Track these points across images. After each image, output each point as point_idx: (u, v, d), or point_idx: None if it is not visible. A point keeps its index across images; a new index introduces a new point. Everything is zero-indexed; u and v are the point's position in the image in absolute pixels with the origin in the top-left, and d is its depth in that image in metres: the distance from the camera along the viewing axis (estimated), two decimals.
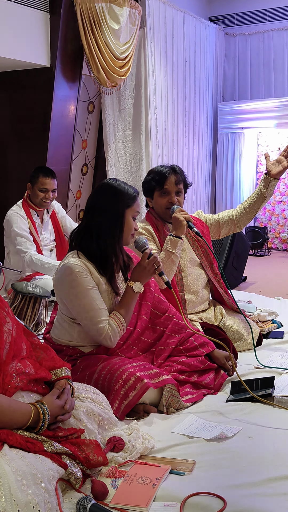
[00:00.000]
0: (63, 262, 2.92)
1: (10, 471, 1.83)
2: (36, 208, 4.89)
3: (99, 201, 2.95)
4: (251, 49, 9.26)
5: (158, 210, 3.69)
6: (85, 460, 2.13)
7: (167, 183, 3.60)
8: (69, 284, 2.86)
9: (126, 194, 2.93)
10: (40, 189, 4.80)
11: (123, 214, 2.92)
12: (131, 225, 2.95)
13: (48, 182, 4.82)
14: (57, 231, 5.07)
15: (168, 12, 7.50)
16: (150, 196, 3.70)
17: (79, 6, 5.86)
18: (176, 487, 2.12)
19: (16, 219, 4.74)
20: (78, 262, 2.87)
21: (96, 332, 2.87)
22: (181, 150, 8.12)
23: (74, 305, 2.89)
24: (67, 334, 2.99)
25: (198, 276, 3.76)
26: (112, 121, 6.96)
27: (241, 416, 2.77)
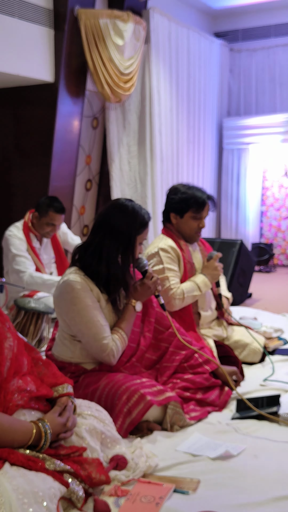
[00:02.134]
0: (63, 279, 2.88)
1: (11, 489, 1.80)
2: (36, 233, 4.80)
3: (111, 221, 2.89)
4: (256, 65, 9.27)
5: (185, 231, 3.70)
6: (87, 478, 2.09)
7: (205, 209, 3.65)
8: (70, 301, 2.83)
9: (139, 220, 2.90)
10: (48, 223, 4.69)
11: (134, 239, 2.90)
12: (137, 251, 2.93)
13: (58, 218, 4.69)
14: (57, 251, 4.97)
15: (172, 28, 7.52)
16: (180, 214, 3.67)
17: (83, 22, 5.88)
18: (180, 506, 2.08)
19: (14, 240, 4.64)
20: (78, 279, 2.83)
21: (99, 349, 2.83)
22: (185, 165, 8.11)
23: (76, 322, 2.85)
24: (69, 351, 2.95)
25: (211, 295, 3.80)
26: (116, 136, 6.96)
27: (246, 434, 2.73)
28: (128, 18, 6.38)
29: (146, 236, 2.97)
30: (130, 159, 7.13)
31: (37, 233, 4.77)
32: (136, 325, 3.06)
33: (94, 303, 2.84)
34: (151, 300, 3.16)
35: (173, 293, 3.46)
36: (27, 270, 4.56)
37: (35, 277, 4.55)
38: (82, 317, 2.82)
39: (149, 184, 7.12)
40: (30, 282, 4.54)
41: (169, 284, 3.48)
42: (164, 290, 3.48)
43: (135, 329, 3.05)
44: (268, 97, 9.24)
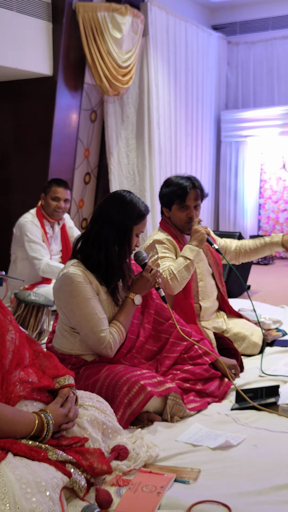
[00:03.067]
0: (63, 271, 2.90)
1: (14, 479, 1.82)
2: (50, 219, 4.86)
3: (109, 211, 2.92)
4: (254, 58, 9.27)
5: (176, 222, 3.72)
6: (89, 468, 2.11)
7: (188, 198, 3.63)
8: (69, 294, 2.85)
9: (136, 211, 2.92)
10: (52, 198, 4.78)
11: (131, 229, 2.92)
12: (133, 241, 2.95)
13: (60, 191, 4.80)
14: (64, 244, 5.05)
15: (170, 21, 7.51)
16: (168, 207, 3.72)
17: (81, 15, 5.87)
18: (180, 495, 2.10)
19: (31, 226, 4.72)
20: (78, 271, 2.85)
21: (97, 341, 2.86)
22: (184, 158, 8.11)
23: (75, 314, 2.87)
24: (69, 343, 2.97)
25: (213, 286, 3.82)
26: (114, 130, 6.96)
27: (246, 424, 2.76)
28: (126, 11, 6.37)
29: (144, 228, 2.99)
30: (128, 152, 7.14)
31: (49, 218, 4.84)
32: (136, 317, 3.08)
33: (93, 296, 2.86)
34: (151, 292, 3.18)
35: (164, 278, 3.46)
36: (43, 258, 4.63)
37: (52, 266, 4.64)
38: (80, 310, 2.84)
39: (148, 177, 7.13)
40: (46, 270, 4.63)
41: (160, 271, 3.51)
42: None
43: (135, 321, 3.07)
44: (266, 90, 9.25)
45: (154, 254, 3.59)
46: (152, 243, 3.64)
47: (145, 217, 2.96)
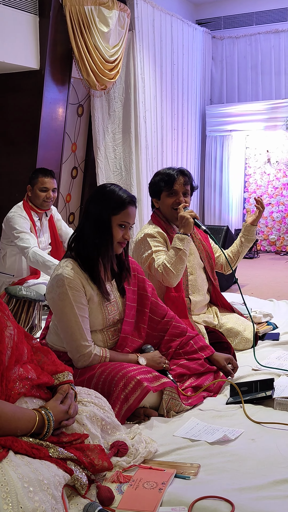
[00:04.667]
0: (58, 271, 2.85)
1: (16, 477, 1.80)
2: (37, 210, 4.84)
3: (89, 205, 2.88)
4: (238, 52, 9.28)
5: (164, 211, 3.70)
6: (90, 465, 2.10)
7: (176, 184, 3.62)
8: (58, 296, 2.81)
9: (112, 200, 2.83)
10: (40, 189, 4.76)
11: (108, 220, 2.83)
12: (116, 234, 2.85)
13: (48, 181, 4.79)
14: (53, 235, 5.04)
15: (156, 15, 7.49)
16: (157, 197, 3.71)
17: (68, 9, 5.83)
18: (182, 491, 2.10)
19: (19, 219, 4.68)
20: (72, 275, 2.80)
21: (74, 349, 2.83)
22: (170, 152, 8.11)
23: (58, 318, 2.85)
24: (62, 340, 2.94)
25: (204, 280, 3.83)
26: (101, 124, 6.94)
27: (242, 418, 2.76)
28: (113, 5, 6.34)
29: (129, 219, 2.88)
30: (115, 147, 7.11)
31: (37, 210, 4.84)
32: (131, 315, 3.07)
33: (81, 304, 2.82)
34: (146, 289, 3.17)
35: (160, 273, 3.48)
36: (31, 246, 4.58)
37: (37, 254, 4.55)
38: (64, 314, 2.81)
39: (134, 171, 7.12)
40: (33, 258, 4.56)
41: (155, 267, 3.51)
42: (155, 273, 3.52)
43: (130, 320, 3.05)
44: (251, 85, 9.27)
45: (147, 248, 3.59)
46: (144, 237, 3.63)
47: (125, 206, 2.84)
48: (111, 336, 2.99)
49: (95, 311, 2.89)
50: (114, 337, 3.00)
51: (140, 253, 3.63)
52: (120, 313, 3.01)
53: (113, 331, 3.00)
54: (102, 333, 2.97)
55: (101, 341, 2.96)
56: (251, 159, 9.17)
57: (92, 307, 2.88)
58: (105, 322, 2.94)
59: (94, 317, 2.90)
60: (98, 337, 2.95)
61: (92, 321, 2.89)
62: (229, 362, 3.28)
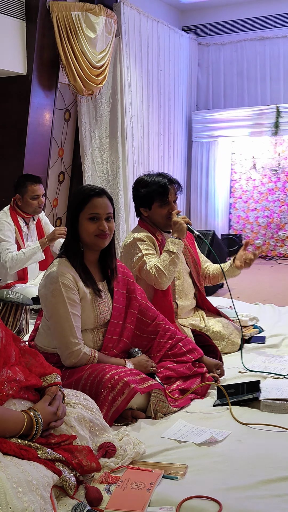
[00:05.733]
0: (51, 268, 2.90)
1: (5, 478, 1.81)
2: (24, 215, 4.86)
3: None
4: (224, 59, 9.34)
5: (158, 220, 3.72)
6: (79, 466, 2.12)
7: (169, 195, 3.65)
8: (51, 293, 2.85)
9: (78, 197, 2.93)
10: (31, 197, 4.79)
11: (76, 218, 2.91)
12: (87, 227, 2.89)
13: (38, 189, 4.83)
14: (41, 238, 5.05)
15: (143, 21, 7.53)
16: (147, 207, 3.71)
17: (55, 15, 5.86)
18: (170, 491, 2.12)
19: (3, 226, 4.70)
20: (65, 272, 2.85)
21: (64, 345, 2.86)
22: (156, 158, 8.14)
23: (50, 314, 2.88)
24: (52, 341, 2.97)
25: (190, 285, 3.85)
26: (88, 129, 6.96)
27: (229, 420, 2.78)
28: (100, 11, 6.37)
29: (96, 209, 2.88)
30: (102, 152, 7.14)
31: (24, 215, 4.87)
32: (119, 317, 3.09)
33: (73, 302, 2.86)
34: (135, 291, 3.19)
35: (152, 275, 3.51)
36: (10, 249, 4.65)
37: (17, 257, 4.65)
38: (56, 310, 2.84)
39: (121, 176, 7.14)
40: (15, 260, 4.64)
41: (147, 269, 3.53)
42: (146, 276, 3.54)
43: (117, 322, 3.07)
44: (236, 91, 9.32)
45: (138, 252, 3.61)
46: (133, 241, 3.65)
47: (89, 199, 2.89)
48: (101, 337, 3.02)
49: (88, 309, 2.92)
50: (104, 338, 3.02)
51: (130, 256, 3.65)
52: (110, 314, 3.04)
53: (103, 332, 3.03)
54: (93, 333, 2.99)
55: (91, 341, 2.98)
56: (237, 165, 9.22)
57: (84, 305, 2.91)
58: (97, 321, 2.97)
59: (86, 316, 2.93)
60: (88, 337, 2.97)
61: (84, 320, 2.92)
62: (217, 368, 3.31)
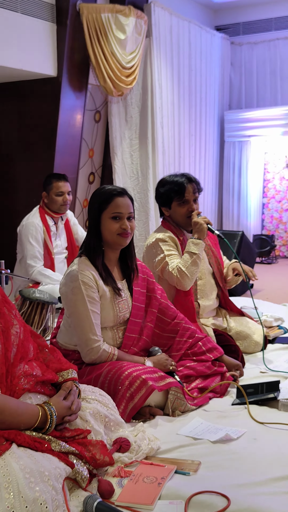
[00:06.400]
0: (72, 267, 2.97)
1: (18, 468, 1.87)
2: (53, 214, 4.95)
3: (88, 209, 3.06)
4: (257, 58, 9.31)
5: (178, 219, 3.75)
6: (92, 459, 2.17)
7: (186, 193, 3.67)
8: (71, 291, 2.92)
9: (100, 197, 2.98)
10: (56, 194, 4.89)
11: (98, 218, 2.98)
12: (110, 226, 2.96)
13: (62, 185, 4.91)
14: (69, 239, 5.15)
15: (174, 21, 7.56)
16: (167, 206, 3.75)
17: (85, 17, 5.93)
18: (181, 486, 2.15)
19: (31, 228, 4.82)
20: (85, 271, 2.92)
21: (84, 342, 2.92)
22: (187, 158, 8.16)
23: (71, 312, 2.94)
24: (73, 339, 3.02)
25: (212, 285, 3.87)
26: (118, 130, 7.02)
27: (246, 418, 2.80)
28: (130, 12, 6.43)
29: (118, 209, 2.96)
30: (132, 152, 7.19)
31: (53, 214, 4.96)
32: (139, 316, 3.13)
33: (93, 300, 2.91)
34: (155, 290, 3.24)
35: (175, 276, 3.54)
36: (36, 266, 4.80)
37: (43, 273, 4.81)
38: (77, 308, 2.90)
39: (151, 177, 7.18)
40: (38, 278, 4.81)
41: (169, 271, 3.56)
42: (168, 277, 3.57)
43: (137, 320, 3.12)
44: (269, 90, 9.29)
45: (159, 252, 3.64)
46: (155, 241, 3.69)
47: (112, 199, 2.95)
48: (121, 334, 3.06)
49: (107, 307, 2.98)
50: (123, 335, 3.07)
51: (152, 257, 3.69)
52: (130, 312, 3.08)
53: (123, 330, 3.07)
54: (112, 331, 3.04)
55: (111, 338, 3.03)
56: (270, 165, 9.19)
57: (104, 303, 2.97)
58: (116, 319, 3.02)
59: (106, 313, 2.98)
60: (108, 334, 3.02)
61: (104, 317, 2.98)
62: (237, 369, 3.33)
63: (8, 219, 6.35)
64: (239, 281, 3.95)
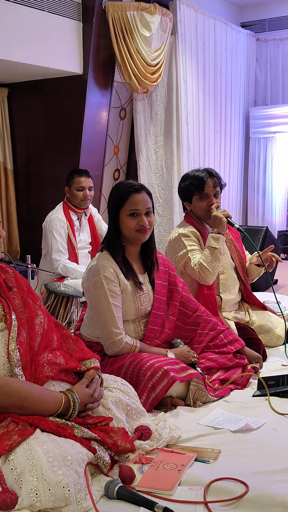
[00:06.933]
0: (93, 262, 3.02)
1: (42, 452, 1.93)
2: (76, 210, 5.03)
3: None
4: (282, 54, 9.29)
5: (198, 214, 3.79)
6: (113, 446, 2.22)
7: (206, 187, 3.71)
8: (93, 285, 2.97)
9: (118, 194, 3.01)
10: (77, 189, 4.97)
11: (116, 215, 3.01)
12: (128, 223, 3.00)
13: (83, 180, 5.00)
14: (93, 234, 5.22)
15: (199, 18, 7.59)
16: (188, 200, 3.80)
17: (111, 15, 5.99)
18: (200, 473, 2.20)
19: (56, 224, 4.90)
20: (107, 265, 2.97)
21: (106, 335, 2.97)
22: (212, 155, 8.18)
23: (93, 306, 3.00)
24: (96, 330, 3.08)
25: (235, 279, 3.90)
26: (143, 126, 7.07)
27: (267, 409, 2.83)
28: (155, 10, 6.47)
29: (136, 206, 2.98)
30: (157, 149, 7.23)
31: (76, 210, 5.03)
32: (161, 308, 3.18)
33: (115, 294, 2.97)
34: (176, 284, 3.28)
35: (197, 271, 3.58)
36: (61, 260, 4.87)
37: (68, 267, 4.87)
38: (98, 302, 2.96)
39: (176, 173, 7.22)
40: (63, 271, 4.88)
41: (191, 266, 3.60)
42: (191, 272, 3.62)
43: (159, 313, 3.17)
44: None
45: (182, 248, 3.68)
46: (178, 236, 3.73)
47: (128, 196, 2.97)
48: (142, 327, 3.11)
49: (128, 301, 3.03)
50: (145, 328, 3.12)
51: (175, 252, 3.73)
52: (152, 305, 3.13)
53: (145, 322, 3.12)
54: (134, 324, 3.09)
55: (133, 331, 3.08)
56: None
57: (125, 297, 3.02)
58: (138, 312, 3.07)
59: (128, 307, 3.03)
60: (130, 327, 3.08)
61: (125, 311, 3.03)
62: (257, 361, 3.36)
63: (34, 215, 6.45)
64: (261, 273, 3.96)
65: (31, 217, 6.68)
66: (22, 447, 1.95)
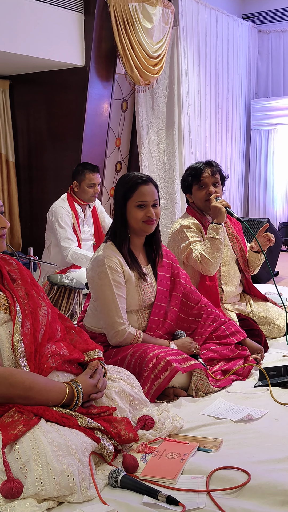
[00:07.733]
0: (98, 252, 3.05)
1: (46, 442, 1.95)
2: (81, 202, 5.04)
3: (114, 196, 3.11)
4: (284, 46, 9.29)
5: (198, 204, 3.81)
6: (117, 435, 2.24)
7: (203, 175, 3.73)
8: (98, 275, 2.99)
9: (124, 186, 3.03)
10: (88, 185, 4.97)
11: (124, 206, 3.03)
12: (135, 214, 3.02)
13: (95, 177, 5.00)
14: (96, 226, 5.23)
15: (201, 10, 7.58)
16: (189, 192, 3.83)
17: (112, 7, 5.99)
18: (202, 462, 2.22)
19: (61, 213, 4.90)
20: (111, 256, 2.99)
21: (110, 325, 3.00)
22: (214, 147, 8.19)
23: (97, 296, 3.02)
24: (99, 322, 3.11)
25: (236, 271, 3.92)
26: (145, 118, 7.08)
27: (268, 400, 2.86)
28: (157, 1, 6.47)
29: (143, 197, 3.01)
30: (158, 141, 7.24)
31: (81, 202, 5.04)
32: (163, 300, 3.21)
33: (119, 284, 2.99)
34: (179, 275, 3.31)
35: (199, 263, 3.60)
36: (70, 247, 4.84)
37: (78, 254, 4.84)
38: (103, 292, 2.98)
39: (177, 166, 7.23)
40: (73, 257, 4.84)
41: (193, 257, 3.63)
42: (193, 264, 3.64)
43: (162, 304, 3.19)
44: None
45: (184, 239, 3.70)
46: (180, 228, 3.75)
47: (136, 187, 3.00)
48: (146, 318, 3.14)
49: (132, 291, 3.05)
50: (148, 319, 3.15)
51: (177, 244, 3.75)
52: (155, 296, 3.16)
53: (148, 313, 3.15)
54: (138, 314, 3.12)
55: (136, 322, 3.11)
56: None
57: (129, 287, 3.04)
58: (141, 303, 3.09)
59: (131, 297, 3.06)
60: (133, 317, 3.10)
61: (129, 301, 3.05)
62: (258, 353, 3.39)
63: (37, 208, 6.47)
64: (261, 261, 3.97)
65: (33, 209, 6.70)
66: (27, 437, 1.97)
